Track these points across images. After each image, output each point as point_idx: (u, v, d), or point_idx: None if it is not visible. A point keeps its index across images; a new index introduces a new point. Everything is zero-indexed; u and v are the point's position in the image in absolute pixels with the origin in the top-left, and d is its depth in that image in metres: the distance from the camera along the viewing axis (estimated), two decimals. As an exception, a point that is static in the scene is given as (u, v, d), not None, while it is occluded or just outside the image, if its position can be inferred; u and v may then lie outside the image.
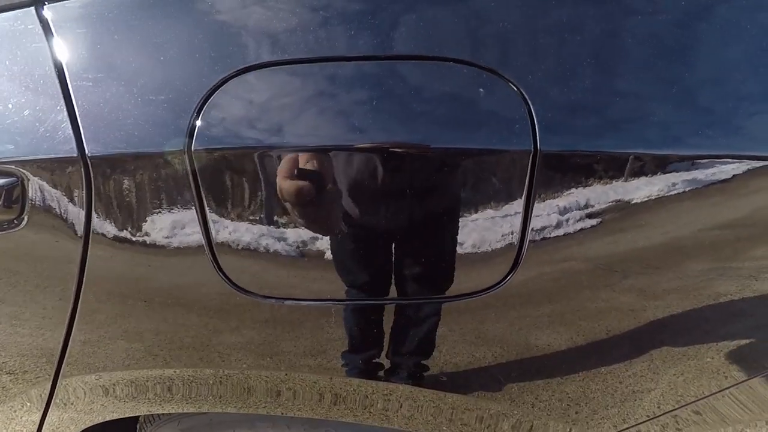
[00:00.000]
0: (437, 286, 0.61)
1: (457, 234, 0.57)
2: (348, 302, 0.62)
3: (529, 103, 0.53)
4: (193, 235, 0.59)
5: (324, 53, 0.54)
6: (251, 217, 0.57)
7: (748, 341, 0.67)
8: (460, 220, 0.57)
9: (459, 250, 0.58)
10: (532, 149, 0.53)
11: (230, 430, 0.87)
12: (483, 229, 0.57)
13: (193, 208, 0.57)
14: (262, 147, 0.54)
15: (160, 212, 0.58)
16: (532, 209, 0.56)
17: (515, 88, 0.53)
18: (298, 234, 0.58)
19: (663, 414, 0.70)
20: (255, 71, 0.54)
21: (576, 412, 0.69)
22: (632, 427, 0.70)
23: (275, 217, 0.57)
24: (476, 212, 0.56)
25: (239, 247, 0.59)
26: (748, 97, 0.56)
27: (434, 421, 0.72)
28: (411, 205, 0.56)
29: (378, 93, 0.54)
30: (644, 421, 0.70)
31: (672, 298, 0.63)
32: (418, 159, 0.55)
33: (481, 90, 0.53)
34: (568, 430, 0.70)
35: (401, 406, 0.70)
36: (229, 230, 0.58)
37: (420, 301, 0.62)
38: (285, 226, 0.57)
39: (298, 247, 0.58)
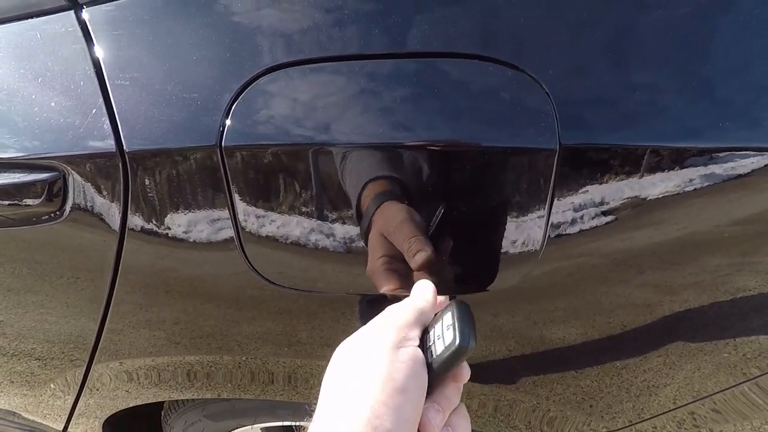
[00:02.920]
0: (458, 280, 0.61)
1: (484, 229, 0.58)
2: (368, 294, 0.64)
3: (551, 97, 0.53)
4: (223, 228, 0.60)
5: (347, 52, 0.55)
6: (278, 212, 0.59)
7: (766, 337, 0.67)
8: (485, 216, 0.57)
9: (485, 245, 0.59)
10: (557, 145, 0.53)
11: (252, 417, 0.90)
12: (508, 226, 0.57)
13: (224, 201, 0.59)
14: (290, 144, 0.55)
15: (192, 205, 0.60)
16: (552, 205, 0.56)
17: (537, 83, 0.53)
18: (322, 228, 0.59)
19: (677, 408, 0.69)
20: (284, 69, 0.55)
21: (591, 406, 0.69)
22: (647, 420, 0.70)
23: (302, 212, 0.58)
24: (500, 209, 0.57)
25: (266, 240, 0.60)
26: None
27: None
28: (438, 202, 0.57)
29: (402, 93, 0.54)
30: (659, 414, 0.70)
31: (689, 294, 0.62)
32: (442, 156, 0.56)
33: (504, 87, 0.53)
34: (586, 420, 0.71)
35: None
36: (256, 224, 0.59)
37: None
38: (310, 220, 0.59)
39: (321, 241, 0.59)
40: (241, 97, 0.55)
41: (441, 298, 0.52)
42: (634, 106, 0.54)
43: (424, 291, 0.50)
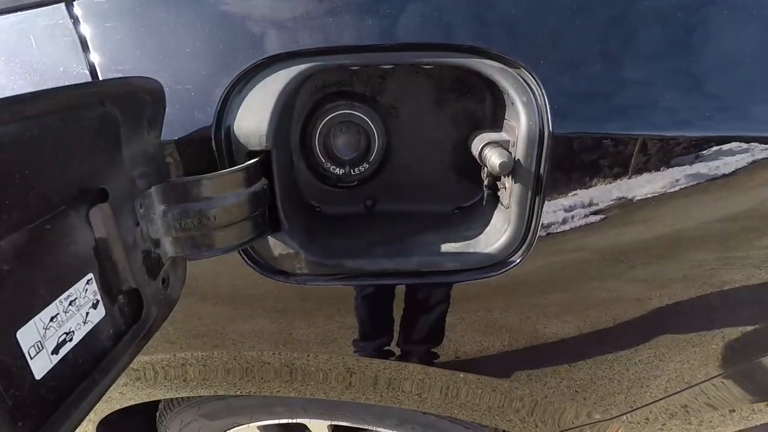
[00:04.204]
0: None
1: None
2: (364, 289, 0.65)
3: (541, 88, 0.54)
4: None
5: (337, 43, 0.55)
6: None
7: (753, 328, 0.68)
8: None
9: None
10: (547, 131, 0.54)
11: (248, 414, 0.89)
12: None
13: None
14: None
15: None
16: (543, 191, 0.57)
17: (528, 74, 0.54)
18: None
19: (669, 396, 0.71)
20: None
21: (584, 398, 0.70)
22: (638, 409, 0.72)
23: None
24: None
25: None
26: (756, 81, 0.56)
27: (444, 405, 0.74)
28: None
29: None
30: (650, 403, 0.71)
31: (678, 288, 0.63)
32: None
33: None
34: (579, 412, 0.72)
35: (413, 389, 0.72)
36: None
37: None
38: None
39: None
40: (235, 89, 0.55)
41: None
42: (625, 98, 0.55)
43: None
